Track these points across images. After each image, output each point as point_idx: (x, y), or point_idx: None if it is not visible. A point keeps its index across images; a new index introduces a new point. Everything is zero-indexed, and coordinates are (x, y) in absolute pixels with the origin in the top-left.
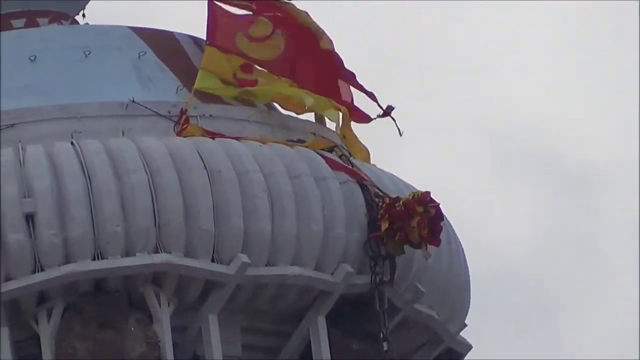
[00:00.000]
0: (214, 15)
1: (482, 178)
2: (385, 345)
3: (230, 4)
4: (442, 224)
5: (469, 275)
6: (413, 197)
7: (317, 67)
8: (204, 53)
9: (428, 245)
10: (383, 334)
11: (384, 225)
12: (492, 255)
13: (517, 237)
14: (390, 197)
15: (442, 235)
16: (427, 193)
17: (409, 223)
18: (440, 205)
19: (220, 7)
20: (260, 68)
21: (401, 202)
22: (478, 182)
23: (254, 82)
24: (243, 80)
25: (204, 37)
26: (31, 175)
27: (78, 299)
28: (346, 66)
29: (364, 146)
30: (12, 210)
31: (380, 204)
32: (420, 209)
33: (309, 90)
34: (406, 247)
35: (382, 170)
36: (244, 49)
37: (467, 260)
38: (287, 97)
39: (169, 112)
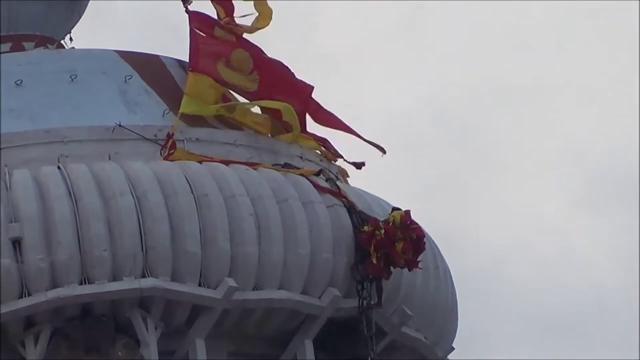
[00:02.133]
0: (196, 42)
1: (571, 206)
2: None
3: (211, 35)
4: (424, 244)
5: (456, 299)
6: (393, 222)
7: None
8: (188, 79)
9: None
10: (371, 358)
11: (374, 257)
12: (581, 283)
13: (607, 266)
14: (371, 224)
15: (429, 259)
16: (407, 215)
17: (394, 249)
18: (420, 227)
19: (202, 35)
20: (237, 99)
21: (382, 230)
22: (566, 210)
23: (233, 109)
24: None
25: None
26: (18, 199)
27: (65, 323)
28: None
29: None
30: None
31: (362, 229)
32: (400, 234)
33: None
34: (394, 272)
35: (367, 193)
36: (225, 76)
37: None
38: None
39: (156, 136)
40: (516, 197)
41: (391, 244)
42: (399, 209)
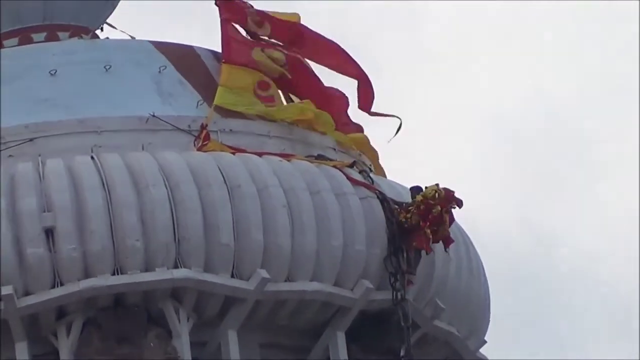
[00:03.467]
0: (228, 34)
1: None
2: None
3: (243, 25)
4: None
5: (488, 292)
6: (439, 196)
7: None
8: (221, 70)
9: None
10: (407, 350)
11: (428, 231)
12: None
13: None
14: (423, 201)
15: (462, 252)
16: (445, 189)
17: (444, 223)
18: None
19: (234, 26)
20: (274, 86)
21: (438, 207)
22: None
23: (272, 99)
24: (261, 96)
25: None
26: (51, 189)
27: (97, 313)
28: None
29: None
30: (31, 224)
31: (406, 208)
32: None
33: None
34: (427, 264)
35: (400, 185)
36: (260, 61)
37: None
38: (305, 117)
39: (189, 127)
40: (615, 197)
41: (442, 219)
42: (420, 187)
